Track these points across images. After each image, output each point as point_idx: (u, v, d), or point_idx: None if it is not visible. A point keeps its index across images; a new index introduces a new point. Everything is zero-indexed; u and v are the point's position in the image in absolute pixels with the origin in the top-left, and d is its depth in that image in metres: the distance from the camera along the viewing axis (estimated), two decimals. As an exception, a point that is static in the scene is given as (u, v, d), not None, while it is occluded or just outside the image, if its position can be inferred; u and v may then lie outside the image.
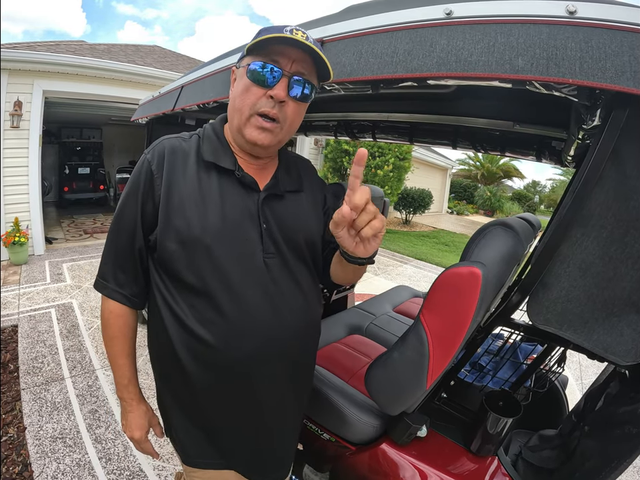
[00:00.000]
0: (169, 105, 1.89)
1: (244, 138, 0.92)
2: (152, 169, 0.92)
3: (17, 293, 4.35)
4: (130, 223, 0.94)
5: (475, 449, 1.17)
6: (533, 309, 0.83)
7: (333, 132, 2.37)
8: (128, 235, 0.95)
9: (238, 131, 0.93)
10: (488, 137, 1.72)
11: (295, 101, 0.89)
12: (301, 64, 0.86)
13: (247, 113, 0.89)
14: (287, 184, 1.03)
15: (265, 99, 0.87)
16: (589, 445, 1.02)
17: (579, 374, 3.45)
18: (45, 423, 2.38)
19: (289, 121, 0.92)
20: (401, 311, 2.40)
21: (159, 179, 0.92)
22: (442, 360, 0.99)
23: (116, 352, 1.02)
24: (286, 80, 0.86)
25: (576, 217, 0.73)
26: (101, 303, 1.02)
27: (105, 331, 1.02)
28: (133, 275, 0.99)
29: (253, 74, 0.86)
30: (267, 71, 0.85)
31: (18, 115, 5.32)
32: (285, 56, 0.85)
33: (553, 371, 1.31)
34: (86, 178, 10.54)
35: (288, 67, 0.86)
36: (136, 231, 0.94)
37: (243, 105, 0.89)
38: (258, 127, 0.89)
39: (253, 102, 0.88)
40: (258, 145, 0.92)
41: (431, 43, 0.73)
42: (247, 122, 0.90)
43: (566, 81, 0.59)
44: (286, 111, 0.89)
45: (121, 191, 4.03)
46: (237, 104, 0.91)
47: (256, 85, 0.87)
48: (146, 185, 0.92)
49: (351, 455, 1.30)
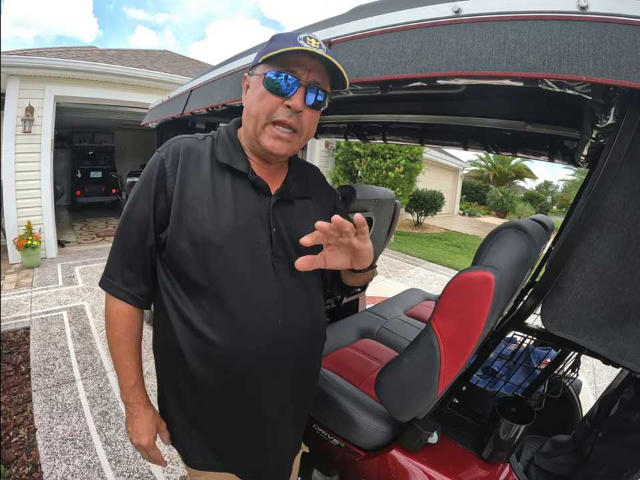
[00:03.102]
0: (177, 109, 1.89)
1: (260, 145, 0.93)
2: (165, 167, 0.92)
3: (29, 295, 4.40)
4: (142, 219, 0.93)
5: (487, 456, 1.15)
6: (547, 314, 0.81)
7: (343, 134, 2.36)
8: (139, 231, 0.94)
9: (254, 137, 0.93)
10: (499, 137, 1.69)
11: (311, 109, 0.90)
12: (316, 74, 0.87)
13: (263, 120, 0.90)
14: (297, 190, 1.04)
15: (282, 107, 0.88)
16: (602, 451, 0.99)
17: (592, 378, 3.39)
18: (56, 425, 2.40)
19: (306, 130, 0.93)
20: (412, 315, 2.38)
21: (172, 177, 0.92)
22: (454, 366, 0.97)
23: (122, 352, 1.00)
24: (303, 90, 0.87)
25: (591, 218, 0.71)
26: (106, 301, 1.00)
27: (111, 331, 0.99)
28: (142, 274, 0.98)
29: (270, 82, 0.87)
30: (283, 79, 0.86)
31: (30, 120, 5.39)
32: (301, 66, 0.86)
33: (567, 376, 1.28)
34: (98, 182, 10.67)
35: (305, 77, 0.87)
36: (148, 228, 0.93)
37: (259, 112, 0.89)
38: (275, 136, 0.90)
39: (269, 110, 0.88)
40: (274, 154, 0.93)
41: (439, 42, 0.71)
42: (263, 130, 0.91)
43: (579, 78, 0.57)
44: (303, 120, 0.90)
45: (132, 194, 3.81)
46: (252, 111, 0.92)
47: (272, 94, 0.87)
48: (159, 182, 0.92)
49: (360, 461, 1.28)
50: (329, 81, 0.91)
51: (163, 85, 6.47)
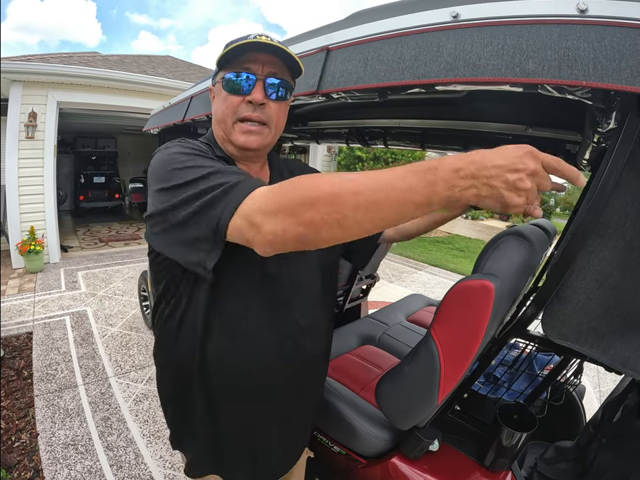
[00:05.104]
0: (178, 115, 1.90)
1: (233, 144, 0.93)
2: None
3: (32, 300, 4.41)
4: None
5: (489, 464, 1.14)
6: (548, 322, 0.80)
7: (345, 139, 2.36)
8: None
9: (226, 139, 0.94)
10: (501, 141, 1.68)
11: (274, 101, 0.91)
12: (271, 65, 0.89)
13: (229, 121, 0.91)
14: None
15: (245, 104, 0.89)
16: (606, 458, 0.98)
17: (597, 382, 3.36)
18: (58, 430, 2.39)
19: (274, 121, 0.93)
20: (414, 320, 2.37)
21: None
22: (454, 375, 0.97)
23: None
24: (261, 83, 0.88)
25: (592, 226, 0.70)
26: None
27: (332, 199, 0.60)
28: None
29: (229, 84, 0.89)
30: (242, 79, 0.87)
31: (33, 126, 5.41)
32: (254, 61, 0.88)
33: (570, 383, 1.27)
34: (101, 187, 10.69)
35: (260, 71, 0.88)
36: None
37: (225, 114, 0.91)
38: (244, 131, 0.90)
39: (233, 110, 0.90)
40: (248, 149, 0.93)
41: (437, 48, 0.70)
42: (232, 129, 0.91)
43: (579, 83, 0.57)
44: (268, 112, 0.91)
45: (135, 201, 4.03)
46: (219, 116, 0.93)
47: (233, 94, 0.89)
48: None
49: (361, 468, 1.27)
50: (288, 72, 0.92)
51: (165, 91, 6.48)
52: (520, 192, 0.53)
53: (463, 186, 0.54)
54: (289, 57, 0.87)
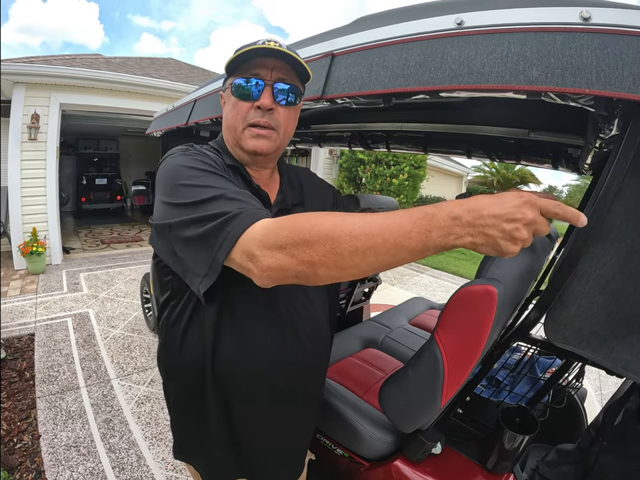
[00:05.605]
0: (182, 118, 1.90)
1: (243, 150, 0.94)
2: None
3: (34, 302, 4.42)
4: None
5: (491, 466, 1.14)
6: (551, 326, 0.81)
7: (347, 142, 2.36)
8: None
9: (236, 144, 0.95)
10: (503, 145, 1.69)
11: (283, 106, 0.92)
12: (280, 71, 0.89)
13: (240, 127, 0.92)
14: (293, 197, 1.04)
15: (254, 110, 0.90)
16: (607, 460, 0.99)
17: (598, 384, 3.36)
18: (60, 431, 2.39)
19: (283, 126, 0.94)
20: (416, 324, 2.37)
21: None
22: (457, 379, 0.97)
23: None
24: (269, 88, 0.89)
25: (595, 230, 0.70)
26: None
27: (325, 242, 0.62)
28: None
29: (238, 90, 0.90)
30: (251, 84, 0.88)
31: (35, 128, 5.43)
32: (263, 67, 0.88)
33: (572, 386, 1.28)
34: (103, 188, 10.73)
35: (269, 76, 0.89)
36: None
37: (235, 120, 0.92)
38: (254, 135, 0.91)
39: (243, 116, 0.91)
40: (258, 153, 0.93)
41: (442, 55, 0.71)
42: (242, 134, 0.92)
43: (582, 91, 0.57)
44: (277, 117, 0.91)
45: (137, 203, 4.01)
46: (229, 122, 0.94)
47: (242, 100, 0.90)
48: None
49: (364, 471, 1.28)
50: (297, 77, 0.92)
51: (168, 93, 6.51)
52: (516, 241, 0.54)
53: (459, 234, 0.55)
54: (297, 63, 0.88)
